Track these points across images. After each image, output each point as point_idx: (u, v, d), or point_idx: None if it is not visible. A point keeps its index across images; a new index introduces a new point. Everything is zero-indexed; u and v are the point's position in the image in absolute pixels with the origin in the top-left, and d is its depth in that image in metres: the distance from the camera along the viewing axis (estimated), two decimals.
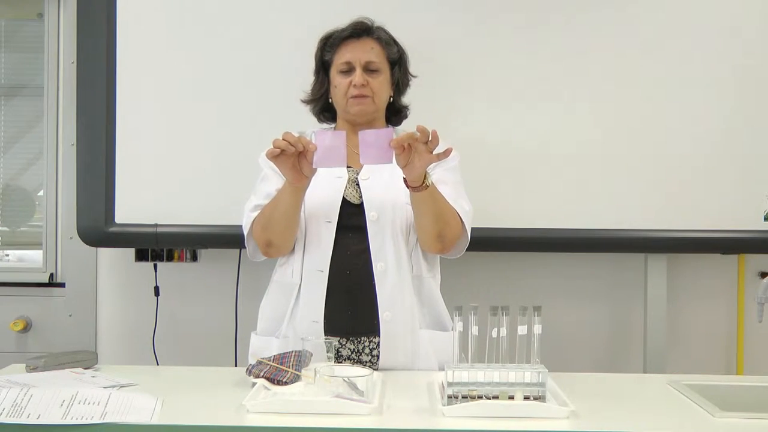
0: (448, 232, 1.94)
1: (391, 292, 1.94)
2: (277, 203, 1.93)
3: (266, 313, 2.06)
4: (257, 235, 1.98)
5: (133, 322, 2.93)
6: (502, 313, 1.56)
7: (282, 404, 1.51)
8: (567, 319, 2.88)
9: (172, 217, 2.65)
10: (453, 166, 2.04)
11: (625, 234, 2.66)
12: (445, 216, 1.92)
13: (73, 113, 2.74)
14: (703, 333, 2.91)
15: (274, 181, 2.00)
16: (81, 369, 1.82)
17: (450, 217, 1.93)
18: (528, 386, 1.56)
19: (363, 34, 2.05)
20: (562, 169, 2.66)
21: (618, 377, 1.97)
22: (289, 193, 1.88)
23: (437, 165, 1.99)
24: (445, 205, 1.92)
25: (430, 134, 1.74)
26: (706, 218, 2.66)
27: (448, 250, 1.99)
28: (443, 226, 1.92)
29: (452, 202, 1.95)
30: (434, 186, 1.87)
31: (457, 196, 1.99)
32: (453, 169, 2.04)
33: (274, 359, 1.71)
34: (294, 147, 1.78)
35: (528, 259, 2.86)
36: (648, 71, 2.65)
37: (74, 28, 2.74)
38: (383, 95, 2.06)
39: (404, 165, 1.79)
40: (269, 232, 1.94)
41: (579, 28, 2.65)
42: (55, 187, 2.98)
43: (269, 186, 2.00)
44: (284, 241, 1.97)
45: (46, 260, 3.00)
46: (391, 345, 1.93)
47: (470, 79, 2.66)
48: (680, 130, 2.66)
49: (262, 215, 1.96)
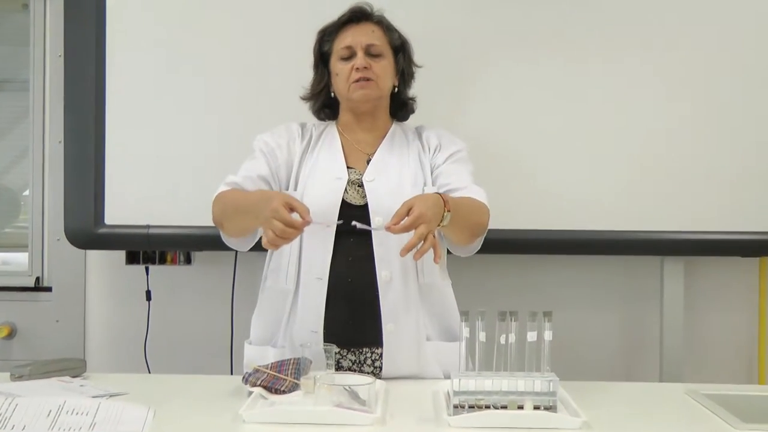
0: (481, 224, 1.94)
1: (395, 302, 1.92)
2: (240, 209, 1.88)
3: (260, 323, 2.05)
4: (214, 211, 1.95)
5: (123, 328, 2.93)
6: (511, 319, 1.56)
7: (280, 414, 1.51)
8: (579, 325, 2.88)
9: (164, 217, 2.66)
10: (461, 157, 2.05)
11: (640, 236, 2.66)
12: (474, 216, 1.91)
13: (61, 109, 2.75)
14: (722, 340, 2.91)
15: (261, 163, 2.00)
16: (69, 377, 1.82)
17: (476, 211, 1.92)
18: (538, 395, 1.56)
19: (363, 19, 2.05)
20: (574, 167, 2.67)
21: (632, 386, 1.97)
22: (254, 217, 1.81)
23: (447, 158, 2.01)
24: (470, 208, 1.90)
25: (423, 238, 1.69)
26: (726, 219, 2.66)
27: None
28: (476, 224, 1.93)
29: (466, 189, 1.95)
30: (452, 203, 1.79)
31: (469, 182, 1.99)
32: (461, 159, 2.05)
33: (271, 367, 1.71)
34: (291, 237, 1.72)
35: (538, 262, 2.86)
36: (666, 69, 2.66)
37: (61, 19, 2.74)
38: (387, 80, 2.05)
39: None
40: (223, 219, 1.93)
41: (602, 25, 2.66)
42: (42, 186, 2.99)
43: (253, 167, 2.00)
44: (235, 236, 1.96)
45: (32, 263, 3.01)
46: (395, 356, 1.92)
47: (480, 74, 2.66)
48: (698, 127, 2.66)
49: (224, 199, 1.93)
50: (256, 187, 1.97)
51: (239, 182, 1.97)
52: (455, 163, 2.03)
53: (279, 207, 1.68)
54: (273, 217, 1.68)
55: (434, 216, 1.71)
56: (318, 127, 2.11)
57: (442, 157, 2.04)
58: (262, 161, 2.01)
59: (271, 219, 1.68)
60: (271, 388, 1.66)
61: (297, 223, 1.69)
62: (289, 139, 2.06)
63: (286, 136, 2.06)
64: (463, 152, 2.06)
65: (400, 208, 1.71)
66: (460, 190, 1.96)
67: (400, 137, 2.10)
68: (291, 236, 1.70)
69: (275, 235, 1.68)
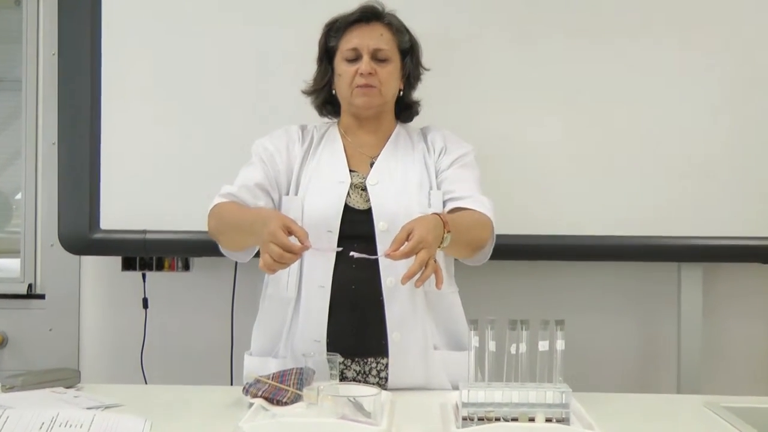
0: (482, 240, 1.94)
1: (401, 310, 1.91)
2: (237, 227, 1.90)
3: (260, 333, 2.05)
4: (210, 224, 1.96)
5: (119, 337, 2.94)
6: (522, 328, 1.56)
7: (282, 426, 1.51)
8: (592, 333, 2.87)
9: (162, 222, 2.66)
10: (469, 161, 2.05)
11: (656, 241, 2.66)
12: (474, 232, 1.92)
13: (54, 109, 2.75)
14: (743, 349, 2.90)
15: (258, 170, 2.00)
16: (62, 388, 1.82)
17: (477, 226, 1.93)
18: (550, 407, 1.56)
19: (372, 19, 2.03)
20: (586, 169, 2.67)
21: (648, 398, 1.96)
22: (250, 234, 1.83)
23: (453, 162, 2.01)
24: (470, 224, 1.91)
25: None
26: (746, 223, 2.65)
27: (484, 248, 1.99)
28: (476, 239, 1.93)
29: (470, 198, 1.95)
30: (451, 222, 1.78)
31: (474, 191, 1.99)
32: (469, 165, 2.05)
33: (273, 377, 1.71)
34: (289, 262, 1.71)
35: (550, 269, 2.86)
36: (683, 68, 2.65)
37: (55, 15, 2.75)
38: (392, 87, 2.04)
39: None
40: (219, 234, 1.95)
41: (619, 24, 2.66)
42: (35, 189, 2.99)
43: (250, 175, 2.00)
44: (233, 251, 1.98)
45: (24, 269, 3.01)
46: (401, 367, 1.91)
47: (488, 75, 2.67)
48: (716, 128, 2.66)
49: (220, 213, 1.95)
50: (254, 197, 1.97)
51: (236, 193, 1.97)
52: (461, 168, 2.03)
53: (276, 230, 1.67)
54: (270, 241, 1.68)
55: (435, 239, 1.71)
56: (319, 129, 2.11)
57: (448, 161, 2.04)
58: (260, 168, 2.01)
59: (268, 243, 1.68)
60: (272, 399, 1.66)
61: (295, 248, 1.69)
62: (289, 142, 2.06)
63: (285, 139, 2.06)
64: (469, 156, 2.06)
65: (400, 233, 1.70)
66: (464, 200, 1.96)
67: (404, 139, 2.09)
68: (289, 261, 1.70)
69: (273, 260, 1.68)
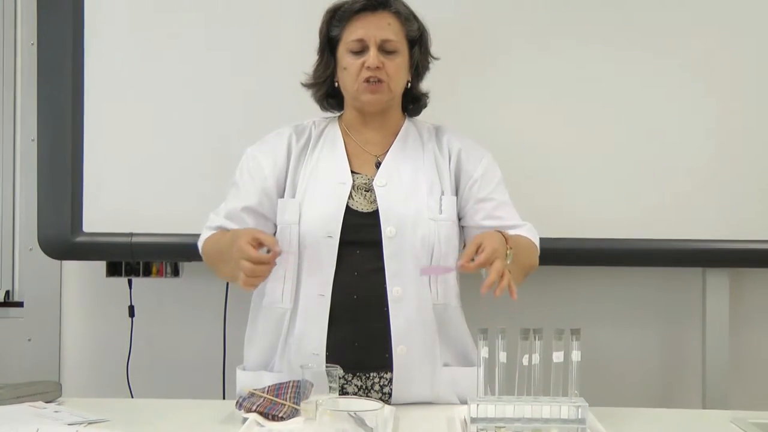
0: (533, 266, 2.02)
1: (407, 321, 1.91)
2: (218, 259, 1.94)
3: (253, 346, 2.04)
4: (206, 260, 2.04)
5: (103, 347, 2.94)
6: (535, 337, 1.57)
7: None
8: (611, 343, 2.88)
9: (149, 225, 2.66)
10: (499, 180, 2.07)
11: (680, 245, 2.66)
12: (530, 257, 1.99)
13: (34, 103, 2.75)
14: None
15: (247, 191, 2.00)
16: (42, 402, 1.83)
17: (530, 252, 2.00)
18: (565, 423, 1.56)
19: (379, 7, 2.00)
20: (606, 171, 2.67)
21: (672, 413, 1.97)
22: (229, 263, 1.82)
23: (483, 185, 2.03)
24: (525, 248, 1.96)
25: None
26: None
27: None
28: (529, 264, 2.00)
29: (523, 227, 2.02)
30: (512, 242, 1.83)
31: (518, 219, 2.04)
32: (501, 183, 2.07)
33: (268, 391, 1.72)
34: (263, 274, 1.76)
35: (565, 275, 2.86)
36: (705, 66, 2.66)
37: (34, 4, 2.75)
38: (400, 81, 2.03)
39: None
40: (213, 269, 2.00)
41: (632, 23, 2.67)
42: (12, 189, 2.99)
43: (237, 200, 2.01)
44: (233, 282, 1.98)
45: (1, 276, 3.01)
46: (406, 382, 1.91)
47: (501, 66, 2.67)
48: (742, 126, 2.66)
49: (206, 249, 2.02)
50: (241, 224, 1.98)
51: (222, 225, 1.99)
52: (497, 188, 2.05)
53: (244, 246, 1.72)
54: (240, 258, 1.72)
55: (503, 253, 1.76)
56: (318, 126, 2.09)
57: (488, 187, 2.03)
58: (249, 187, 2.01)
59: (238, 260, 1.72)
60: (268, 414, 1.66)
61: (264, 258, 1.72)
62: (281, 148, 2.03)
63: (276, 145, 2.04)
64: (498, 174, 2.07)
65: (470, 247, 1.74)
66: (514, 228, 1.99)
67: (414, 137, 2.08)
68: (263, 273, 1.74)
69: (246, 275, 1.72)
